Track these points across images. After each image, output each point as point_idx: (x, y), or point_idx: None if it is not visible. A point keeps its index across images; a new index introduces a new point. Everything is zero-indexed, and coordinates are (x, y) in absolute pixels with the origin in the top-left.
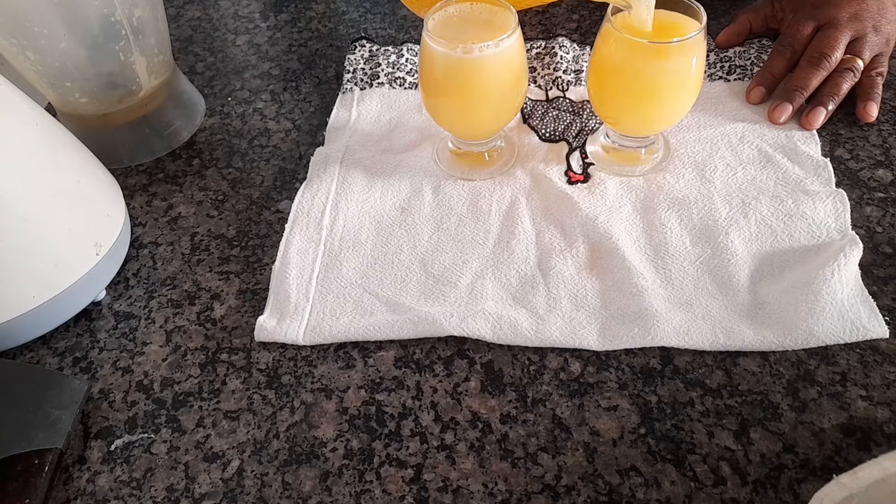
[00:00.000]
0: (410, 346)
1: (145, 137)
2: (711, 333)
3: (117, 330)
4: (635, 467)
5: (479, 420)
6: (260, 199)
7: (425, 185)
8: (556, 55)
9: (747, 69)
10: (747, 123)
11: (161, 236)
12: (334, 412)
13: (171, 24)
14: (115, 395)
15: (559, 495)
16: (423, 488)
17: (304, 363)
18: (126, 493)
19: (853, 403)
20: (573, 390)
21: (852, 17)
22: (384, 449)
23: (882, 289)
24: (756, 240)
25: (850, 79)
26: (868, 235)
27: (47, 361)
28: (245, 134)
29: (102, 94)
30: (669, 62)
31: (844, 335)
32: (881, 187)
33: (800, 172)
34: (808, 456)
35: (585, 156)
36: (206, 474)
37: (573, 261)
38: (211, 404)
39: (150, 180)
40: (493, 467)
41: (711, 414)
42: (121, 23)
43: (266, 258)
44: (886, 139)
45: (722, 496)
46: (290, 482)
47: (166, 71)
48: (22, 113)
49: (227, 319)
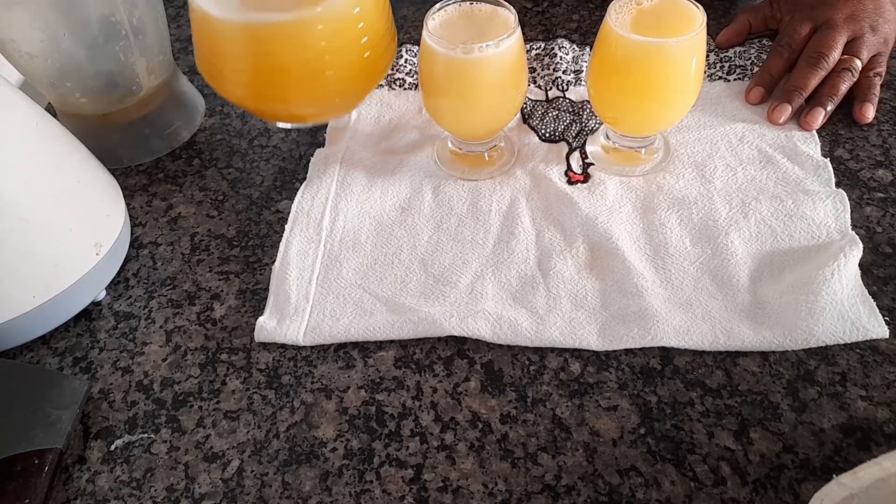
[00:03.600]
0: (410, 346)
1: (145, 137)
2: (711, 333)
3: (117, 330)
4: (635, 467)
5: (479, 420)
6: (260, 199)
7: (425, 185)
8: (556, 55)
9: (747, 69)
10: (747, 123)
11: (161, 236)
12: (334, 412)
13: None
14: (115, 395)
15: (559, 495)
16: (423, 488)
17: (304, 363)
18: (126, 493)
19: (853, 403)
20: (573, 390)
21: (849, 17)
22: (384, 449)
23: (882, 289)
24: (756, 240)
25: (848, 79)
26: (868, 235)
27: (47, 361)
28: (245, 134)
29: (102, 94)
30: (669, 62)
31: (844, 335)
32: (881, 187)
33: (800, 172)
34: (808, 456)
35: (585, 156)
36: (206, 474)
37: (573, 261)
38: (211, 404)
39: (150, 180)
40: (493, 467)
41: (711, 414)
42: (121, 23)
43: (266, 258)
44: (886, 139)
45: (722, 496)
46: (290, 482)
47: (166, 71)
48: (22, 113)
49: (227, 319)
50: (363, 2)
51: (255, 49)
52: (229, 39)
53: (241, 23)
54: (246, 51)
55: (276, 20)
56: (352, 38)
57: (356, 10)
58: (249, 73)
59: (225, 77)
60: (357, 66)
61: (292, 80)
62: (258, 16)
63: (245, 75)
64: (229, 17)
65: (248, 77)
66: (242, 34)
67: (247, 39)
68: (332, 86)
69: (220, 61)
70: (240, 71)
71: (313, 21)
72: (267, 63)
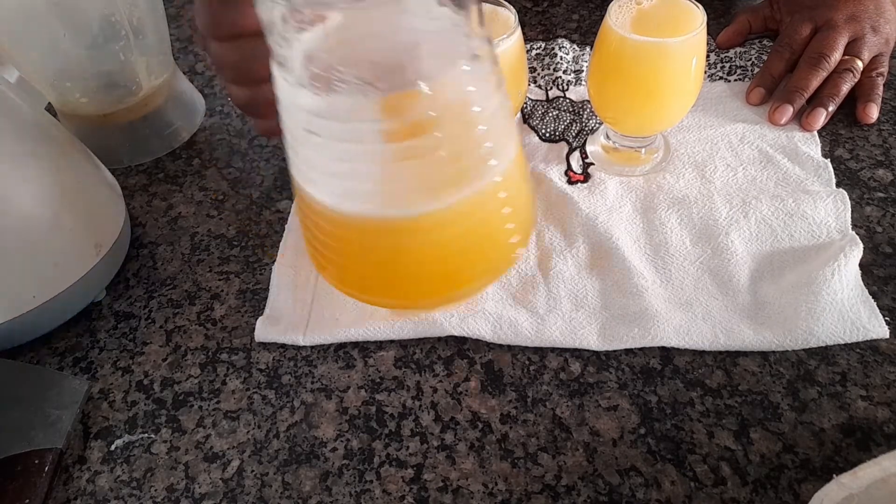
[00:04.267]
0: (410, 346)
1: (145, 137)
2: (711, 333)
3: (117, 330)
4: (635, 467)
5: (479, 420)
6: (260, 199)
7: None
8: (557, 55)
9: (748, 70)
10: (747, 124)
11: (161, 236)
12: (334, 412)
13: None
14: (115, 395)
15: (559, 495)
16: (423, 488)
17: (304, 363)
18: (126, 493)
19: (853, 403)
20: (573, 390)
21: (849, 18)
22: (384, 449)
23: (882, 289)
24: (756, 239)
25: (849, 79)
26: (868, 235)
27: (47, 361)
28: (245, 134)
29: (102, 94)
30: (669, 62)
31: (845, 335)
32: (881, 187)
33: (800, 173)
34: (808, 456)
35: (585, 156)
36: (206, 474)
37: (573, 261)
38: (211, 404)
39: (150, 180)
40: (493, 467)
41: (711, 414)
42: (121, 23)
43: (266, 258)
44: (886, 139)
45: (722, 496)
46: (290, 482)
47: (166, 71)
48: (22, 113)
49: (227, 319)
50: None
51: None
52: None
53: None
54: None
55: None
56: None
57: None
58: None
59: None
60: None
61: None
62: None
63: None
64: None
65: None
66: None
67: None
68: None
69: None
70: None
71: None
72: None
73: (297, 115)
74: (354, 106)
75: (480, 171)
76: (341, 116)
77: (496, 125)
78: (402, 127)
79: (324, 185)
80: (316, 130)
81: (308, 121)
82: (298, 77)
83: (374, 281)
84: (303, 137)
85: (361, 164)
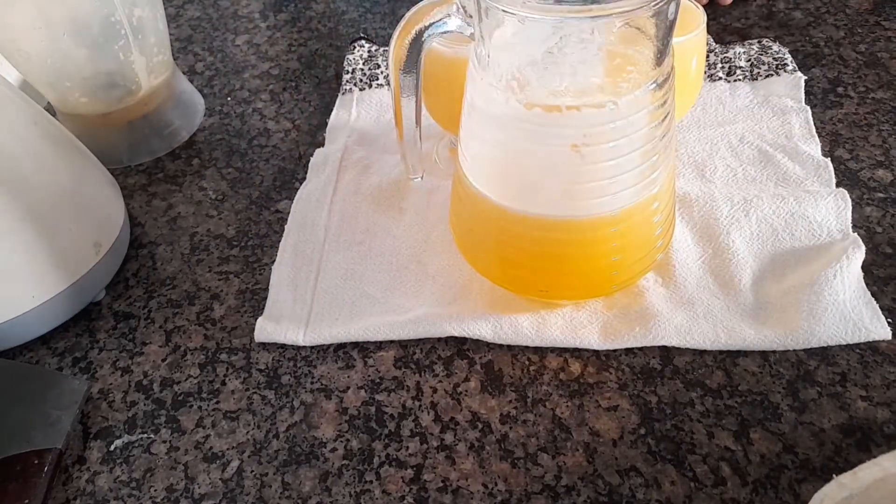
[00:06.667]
0: (410, 346)
1: (145, 137)
2: (713, 333)
3: (117, 330)
4: (635, 467)
5: (479, 420)
6: (260, 199)
7: (425, 184)
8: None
9: (747, 70)
10: (747, 124)
11: (161, 236)
12: (334, 412)
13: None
14: (115, 395)
15: (559, 495)
16: (422, 488)
17: (304, 363)
18: (126, 494)
19: (853, 404)
20: (573, 390)
21: None
22: (384, 449)
23: (882, 289)
24: (757, 239)
25: None
26: (868, 235)
27: (47, 361)
28: (245, 134)
29: (102, 93)
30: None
31: (846, 336)
32: (881, 187)
33: (800, 172)
34: (808, 456)
35: None
36: (205, 474)
37: None
38: (210, 404)
39: (150, 180)
40: (493, 467)
41: (711, 414)
42: (121, 22)
43: (266, 258)
44: (886, 139)
45: (722, 496)
46: (289, 482)
47: (166, 71)
48: (21, 113)
49: (226, 319)
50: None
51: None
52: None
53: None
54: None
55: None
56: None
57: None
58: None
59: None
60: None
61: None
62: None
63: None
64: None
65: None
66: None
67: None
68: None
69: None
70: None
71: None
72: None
73: (489, 119)
74: (547, 117)
75: (646, 182)
76: (536, 121)
77: (664, 144)
78: (587, 137)
79: (505, 187)
80: (509, 134)
81: (503, 124)
82: (498, 79)
83: (550, 276)
84: (492, 139)
85: (548, 168)
